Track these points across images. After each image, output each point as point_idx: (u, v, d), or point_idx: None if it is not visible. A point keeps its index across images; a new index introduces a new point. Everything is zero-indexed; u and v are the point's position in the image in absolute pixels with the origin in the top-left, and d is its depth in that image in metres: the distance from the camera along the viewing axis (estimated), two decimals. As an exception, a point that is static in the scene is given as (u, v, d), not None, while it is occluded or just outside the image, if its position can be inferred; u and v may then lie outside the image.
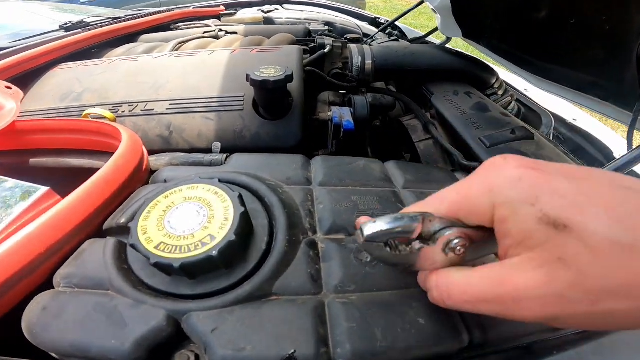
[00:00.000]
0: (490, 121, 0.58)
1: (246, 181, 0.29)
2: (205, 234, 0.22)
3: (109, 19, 0.96)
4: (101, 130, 0.34)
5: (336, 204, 0.30)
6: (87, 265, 0.24)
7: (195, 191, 0.25)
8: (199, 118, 0.47)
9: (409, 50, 0.75)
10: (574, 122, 0.95)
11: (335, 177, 0.33)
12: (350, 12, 1.51)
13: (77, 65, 0.62)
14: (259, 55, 0.56)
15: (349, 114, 0.55)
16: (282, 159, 0.35)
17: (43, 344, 0.20)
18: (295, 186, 0.32)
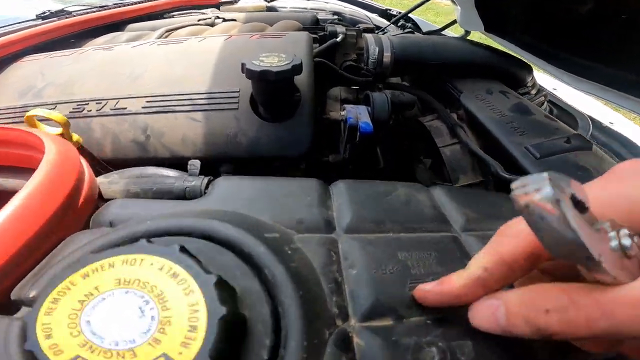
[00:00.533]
0: (536, 126, 0.49)
1: (234, 236, 0.18)
2: (156, 352, 0.13)
3: (94, 7, 0.86)
4: (23, 141, 0.25)
5: (377, 268, 0.19)
6: None
7: (139, 268, 0.15)
8: (182, 119, 0.37)
9: (432, 42, 0.65)
10: (611, 125, 0.86)
11: (370, 217, 0.23)
12: (359, 3, 1.41)
13: (45, 57, 0.53)
14: (259, 41, 0.46)
15: (367, 114, 0.46)
16: (291, 186, 0.24)
17: None
18: (311, 235, 0.21)
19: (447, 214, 0.24)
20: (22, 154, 0.26)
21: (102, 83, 0.42)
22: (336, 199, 0.24)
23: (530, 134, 0.47)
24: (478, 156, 0.49)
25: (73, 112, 0.39)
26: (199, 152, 0.36)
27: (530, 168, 0.42)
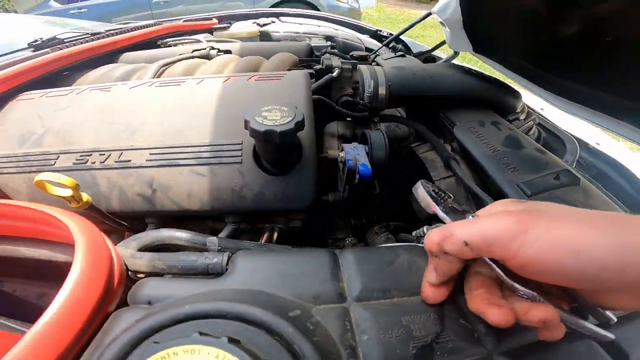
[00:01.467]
0: (527, 161, 0.50)
1: (265, 318, 0.21)
2: None
3: (87, 34, 0.86)
4: (48, 222, 0.25)
5: (384, 333, 0.22)
6: None
7: (199, 356, 0.17)
8: (187, 173, 0.38)
9: (427, 73, 0.67)
10: (597, 146, 0.88)
11: (377, 286, 0.25)
12: (350, 24, 1.43)
13: (40, 96, 0.52)
14: (257, 85, 0.47)
15: (365, 156, 0.47)
16: (305, 263, 0.26)
17: None
18: (327, 307, 0.23)
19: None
20: (48, 230, 0.26)
21: (102, 132, 0.42)
22: (346, 271, 0.25)
23: (522, 170, 0.48)
24: (471, 191, 0.51)
25: (77, 164, 0.40)
26: (205, 206, 0.37)
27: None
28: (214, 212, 0.38)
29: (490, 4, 0.81)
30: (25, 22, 1.13)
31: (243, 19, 1.41)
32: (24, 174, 0.41)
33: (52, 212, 0.25)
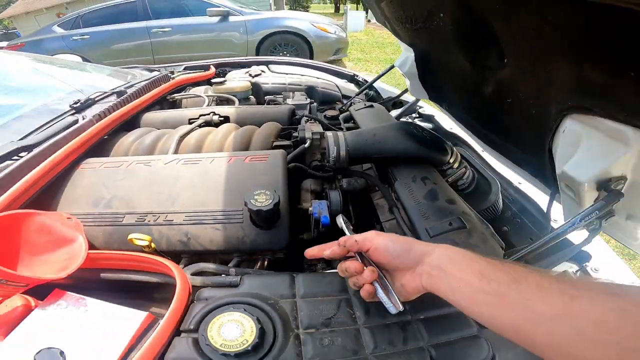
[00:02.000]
0: (436, 211, 0.73)
1: (260, 304, 0.47)
2: (243, 339, 0.41)
3: (112, 93, 1.08)
4: (154, 263, 0.49)
5: (310, 311, 0.46)
6: (181, 353, 0.42)
7: (233, 315, 0.43)
8: (209, 228, 0.60)
9: (377, 138, 0.90)
10: (519, 185, 1.09)
11: (311, 292, 0.50)
12: (330, 70, 1.68)
13: (99, 165, 0.75)
14: (251, 165, 0.71)
15: (326, 209, 0.69)
16: (278, 279, 0.51)
17: None
18: (286, 300, 0.48)
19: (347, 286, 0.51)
20: (152, 267, 0.50)
21: (152, 200, 0.65)
22: (297, 283, 0.51)
23: (432, 217, 0.71)
24: (404, 231, 0.74)
25: (138, 221, 0.62)
26: (221, 247, 0.59)
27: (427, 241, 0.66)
28: (225, 251, 0.60)
29: (435, 64, 1.02)
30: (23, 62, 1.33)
31: (237, 67, 1.66)
32: (100, 227, 0.62)
33: (157, 258, 0.49)
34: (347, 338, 0.45)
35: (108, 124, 0.88)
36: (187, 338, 0.43)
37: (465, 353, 0.45)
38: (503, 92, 0.67)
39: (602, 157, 0.48)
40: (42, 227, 0.49)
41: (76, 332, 0.45)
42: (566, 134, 0.54)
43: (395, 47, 5.87)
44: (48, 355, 0.42)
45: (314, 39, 4.37)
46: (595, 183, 0.50)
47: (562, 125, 0.54)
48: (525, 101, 0.62)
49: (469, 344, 0.46)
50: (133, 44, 4.30)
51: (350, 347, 0.44)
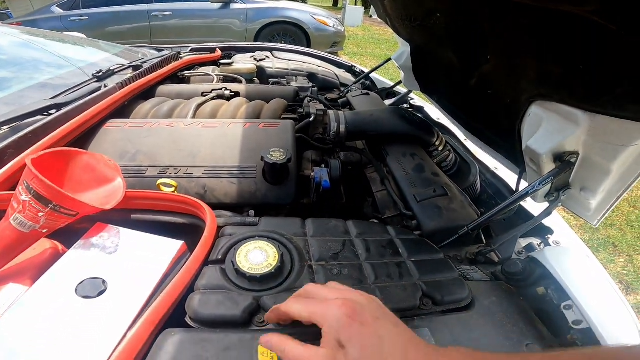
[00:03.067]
0: (423, 181, 0.84)
1: (278, 237, 0.55)
2: (267, 263, 0.48)
3: (130, 66, 1.17)
4: (187, 202, 0.57)
5: (320, 247, 0.55)
6: (211, 279, 0.48)
7: (258, 243, 0.51)
8: (225, 182, 0.69)
9: (373, 118, 1.00)
10: (495, 170, 1.20)
11: (319, 232, 0.58)
12: (329, 60, 1.77)
13: (124, 125, 0.83)
14: (265, 130, 0.80)
15: (327, 175, 0.79)
16: (290, 221, 0.60)
17: (199, 319, 0.42)
18: (299, 238, 0.56)
19: (350, 230, 0.60)
20: (181, 207, 0.59)
21: (174, 155, 0.73)
22: (307, 225, 0.59)
23: (418, 186, 0.82)
24: (394, 199, 0.84)
25: (160, 174, 0.70)
26: (234, 201, 0.68)
27: (415, 207, 0.77)
28: (239, 204, 0.69)
29: (428, 58, 1.13)
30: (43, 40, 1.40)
31: (242, 52, 1.73)
32: (125, 178, 0.71)
33: (189, 197, 0.57)
34: (352, 270, 0.53)
35: (129, 91, 0.96)
36: (215, 267, 0.50)
37: (450, 290, 0.53)
38: (485, 84, 0.77)
39: (557, 133, 0.58)
40: (87, 165, 0.56)
41: (117, 262, 0.49)
42: (531, 117, 0.65)
43: (390, 44, 5.97)
44: (90, 285, 0.45)
45: (312, 31, 4.45)
46: (552, 155, 0.61)
47: (529, 110, 0.65)
48: (502, 92, 0.73)
49: (452, 283, 0.54)
50: (131, 26, 4.31)
51: (356, 277, 0.52)
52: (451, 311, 0.51)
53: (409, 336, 0.34)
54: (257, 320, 0.44)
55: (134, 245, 0.52)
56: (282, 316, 0.39)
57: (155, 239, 0.52)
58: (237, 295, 0.45)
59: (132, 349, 0.37)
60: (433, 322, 0.48)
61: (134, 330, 0.39)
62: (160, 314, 0.41)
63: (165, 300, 0.42)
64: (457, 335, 0.47)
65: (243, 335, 0.41)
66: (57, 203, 0.45)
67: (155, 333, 0.40)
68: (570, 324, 0.53)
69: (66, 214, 0.47)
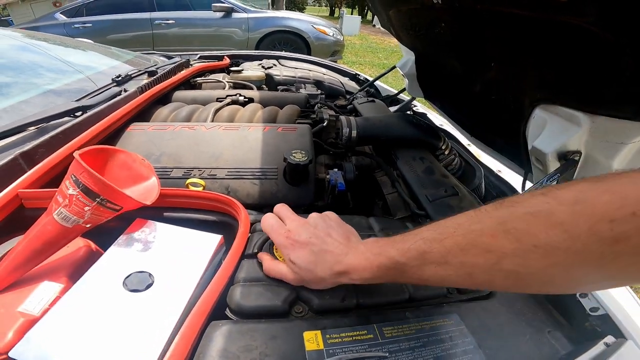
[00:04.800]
0: (434, 182, 0.88)
1: None
2: None
3: (145, 72, 1.20)
4: (221, 200, 0.59)
5: None
6: (250, 272, 0.49)
7: None
8: (248, 183, 0.72)
9: (383, 123, 1.04)
10: (499, 173, 1.24)
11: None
12: (334, 68, 1.82)
13: (147, 128, 0.86)
14: (283, 134, 0.83)
15: (341, 177, 0.82)
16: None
17: (242, 310, 0.44)
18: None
19: (372, 226, 0.62)
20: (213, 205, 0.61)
21: (198, 157, 0.76)
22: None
23: (429, 187, 0.85)
24: (405, 200, 0.87)
25: (185, 175, 0.73)
26: (256, 201, 0.71)
27: (427, 206, 0.80)
28: (260, 204, 0.72)
29: (432, 66, 1.17)
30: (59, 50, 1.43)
31: (249, 60, 1.78)
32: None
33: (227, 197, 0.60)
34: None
35: (149, 96, 0.99)
36: (253, 260, 0.52)
37: None
38: (488, 90, 0.81)
39: (561, 134, 0.63)
40: (124, 163, 0.59)
41: (161, 256, 0.50)
42: (535, 119, 0.69)
43: (387, 52, 6.08)
44: (137, 278, 0.46)
45: (312, 40, 4.53)
46: (557, 154, 0.65)
47: (533, 113, 0.69)
48: (506, 97, 0.77)
49: None
50: (134, 34, 4.36)
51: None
52: (474, 299, 0.54)
53: (339, 251, 0.45)
54: (295, 311, 0.46)
55: (175, 240, 0.53)
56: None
57: (195, 234, 0.54)
58: (276, 286, 0.48)
59: (187, 341, 0.38)
60: (461, 309, 0.51)
61: (187, 322, 0.40)
62: (208, 306, 0.43)
63: (212, 292, 0.44)
64: (484, 320, 0.50)
65: (287, 324, 0.43)
66: (104, 197, 0.47)
67: (204, 325, 0.42)
68: (588, 312, 0.56)
69: (111, 209, 0.49)
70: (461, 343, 0.45)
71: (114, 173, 0.58)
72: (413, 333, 0.45)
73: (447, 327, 0.47)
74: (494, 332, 0.48)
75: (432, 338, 0.45)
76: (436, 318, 0.48)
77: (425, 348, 0.43)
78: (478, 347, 0.45)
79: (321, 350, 0.40)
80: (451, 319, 0.48)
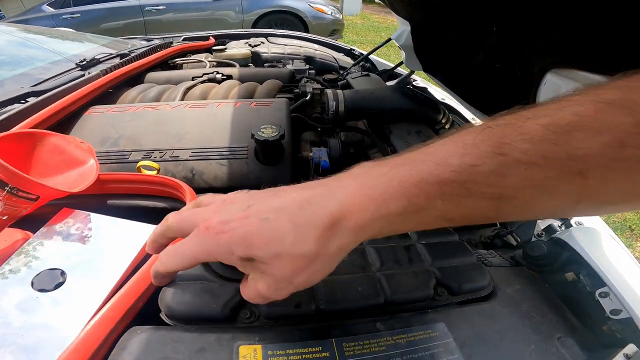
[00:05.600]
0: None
1: None
2: None
3: (117, 55, 1.11)
4: (165, 183, 0.51)
5: None
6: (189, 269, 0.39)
7: None
8: (214, 164, 0.63)
9: (374, 96, 0.93)
10: None
11: None
12: (327, 44, 1.70)
13: (107, 110, 0.77)
14: (257, 109, 0.73)
15: (326, 155, 0.73)
16: None
17: (175, 315, 0.36)
18: None
19: None
20: (160, 189, 0.52)
21: (159, 138, 0.67)
22: None
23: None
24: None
25: (145, 158, 0.64)
26: (225, 184, 0.62)
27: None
28: (230, 187, 0.63)
29: (430, 36, 1.07)
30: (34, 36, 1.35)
31: (236, 39, 1.66)
32: (106, 164, 0.64)
33: (167, 177, 0.51)
34: (354, 255, 0.45)
35: (114, 77, 0.90)
36: None
37: (468, 277, 0.45)
38: (491, 58, 0.72)
39: None
40: (56, 147, 0.51)
41: (81, 250, 0.44)
42: (547, 85, 0.59)
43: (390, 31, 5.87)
44: (47, 276, 0.41)
45: (310, 20, 4.38)
46: (571, 121, 0.54)
47: (543, 79, 0.59)
48: (512, 64, 0.67)
49: (470, 269, 0.47)
50: (125, 22, 4.26)
51: (357, 263, 0.44)
52: (470, 302, 0.44)
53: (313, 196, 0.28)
54: (243, 316, 0.37)
55: (103, 232, 0.46)
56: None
57: (127, 224, 0.46)
58: (217, 286, 0.38)
59: (85, 350, 0.31)
60: (450, 315, 0.41)
61: (87, 329, 0.33)
62: (122, 310, 0.35)
63: (129, 293, 0.36)
64: (479, 329, 0.40)
65: (222, 334, 0.34)
66: (13, 185, 0.40)
67: (118, 331, 0.34)
68: (608, 314, 0.47)
69: (26, 198, 0.42)
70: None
71: (43, 159, 0.50)
72: (383, 350, 0.35)
73: (430, 341, 0.37)
74: (489, 343, 0.39)
75: (408, 357, 0.35)
76: (416, 329, 0.38)
77: (397, 371, 0.34)
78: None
79: (259, 369, 0.32)
80: (436, 330, 0.38)
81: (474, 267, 0.48)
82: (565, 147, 0.22)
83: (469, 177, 0.24)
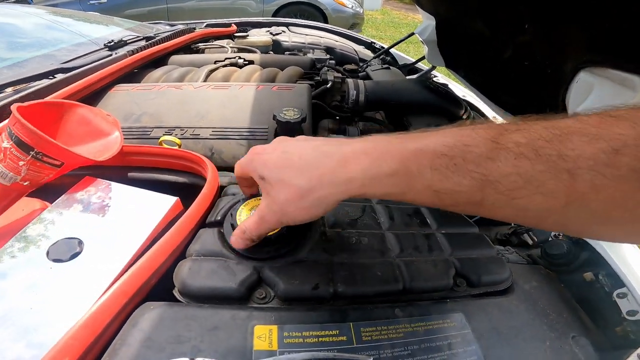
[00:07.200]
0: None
1: None
2: None
3: (142, 37, 1.13)
4: (187, 157, 0.52)
5: (336, 212, 0.47)
6: (206, 244, 0.40)
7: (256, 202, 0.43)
8: (234, 144, 0.64)
9: (394, 87, 0.93)
10: None
11: None
12: (348, 36, 1.69)
13: (131, 89, 0.78)
14: (278, 92, 0.74)
15: (344, 142, 0.73)
16: None
17: (189, 291, 0.35)
18: None
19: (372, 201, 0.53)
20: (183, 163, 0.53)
21: (181, 116, 0.68)
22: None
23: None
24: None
25: (166, 134, 0.65)
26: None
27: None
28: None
29: (455, 30, 1.05)
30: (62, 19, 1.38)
31: (258, 27, 1.67)
32: (129, 140, 0.66)
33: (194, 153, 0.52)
34: (373, 239, 0.45)
35: (140, 58, 0.92)
36: (213, 229, 0.42)
37: (487, 269, 0.45)
38: (521, 55, 0.70)
39: (610, 100, 0.52)
40: (82, 118, 0.51)
41: (101, 220, 0.43)
42: (579, 84, 0.58)
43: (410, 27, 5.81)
44: (64, 246, 0.39)
45: (330, 12, 4.35)
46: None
47: (576, 78, 0.58)
48: (542, 62, 0.66)
49: (490, 262, 0.47)
50: (149, 9, 4.30)
51: (377, 247, 0.44)
52: (487, 294, 0.44)
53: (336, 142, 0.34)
54: (257, 296, 0.37)
55: (123, 202, 0.45)
56: None
57: (148, 195, 0.46)
58: (234, 263, 0.38)
59: (94, 326, 0.30)
60: (468, 306, 0.40)
61: (98, 304, 0.32)
62: (137, 284, 0.34)
63: (145, 267, 0.35)
64: (496, 322, 0.40)
65: (237, 312, 0.33)
66: (39, 150, 0.40)
67: (131, 306, 0.33)
68: (624, 315, 0.46)
69: (50, 164, 0.42)
70: (462, 353, 0.35)
71: (70, 129, 0.51)
72: (401, 337, 0.35)
73: (448, 331, 0.37)
74: (506, 337, 0.38)
75: (425, 345, 0.35)
76: (435, 318, 0.38)
77: (413, 359, 0.34)
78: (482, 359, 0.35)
79: (274, 351, 0.31)
80: (454, 320, 0.38)
81: (494, 260, 0.47)
82: (558, 146, 0.24)
83: (459, 154, 0.27)
